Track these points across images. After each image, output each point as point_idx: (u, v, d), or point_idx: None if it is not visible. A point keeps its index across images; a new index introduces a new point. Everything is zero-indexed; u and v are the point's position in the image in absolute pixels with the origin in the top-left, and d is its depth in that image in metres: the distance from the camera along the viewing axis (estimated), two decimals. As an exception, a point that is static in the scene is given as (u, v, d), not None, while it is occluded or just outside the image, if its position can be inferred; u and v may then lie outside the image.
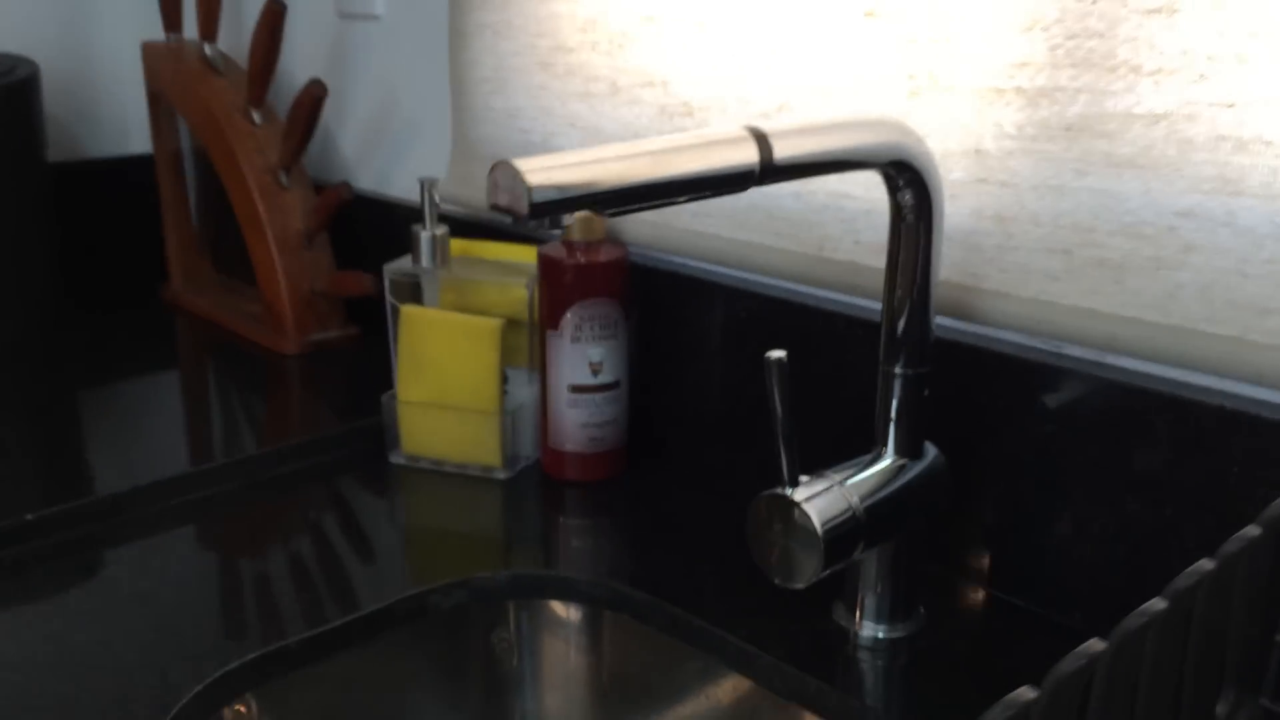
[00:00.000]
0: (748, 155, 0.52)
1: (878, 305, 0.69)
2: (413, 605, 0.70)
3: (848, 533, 0.60)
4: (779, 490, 0.60)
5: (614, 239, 0.85)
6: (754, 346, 0.79)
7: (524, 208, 0.47)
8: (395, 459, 0.89)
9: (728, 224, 0.80)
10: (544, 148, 0.92)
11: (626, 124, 0.85)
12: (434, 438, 0.88)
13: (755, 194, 0.78)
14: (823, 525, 0.59)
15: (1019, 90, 0.63)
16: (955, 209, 0.67)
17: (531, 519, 0.81)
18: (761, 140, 0.52)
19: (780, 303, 0.77)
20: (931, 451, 0.65)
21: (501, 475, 0.86)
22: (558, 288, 0.82)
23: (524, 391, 0.89)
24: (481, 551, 0.76)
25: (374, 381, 0.96)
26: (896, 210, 0.61)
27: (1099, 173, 0.61)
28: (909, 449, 0.64)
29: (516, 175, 0.46)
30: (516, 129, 0.95)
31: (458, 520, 0.81)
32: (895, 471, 0.64)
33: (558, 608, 0.73)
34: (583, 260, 0.82)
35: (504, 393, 0.86)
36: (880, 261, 0.72)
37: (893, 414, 0.64)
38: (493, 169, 0.47)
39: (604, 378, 0.83)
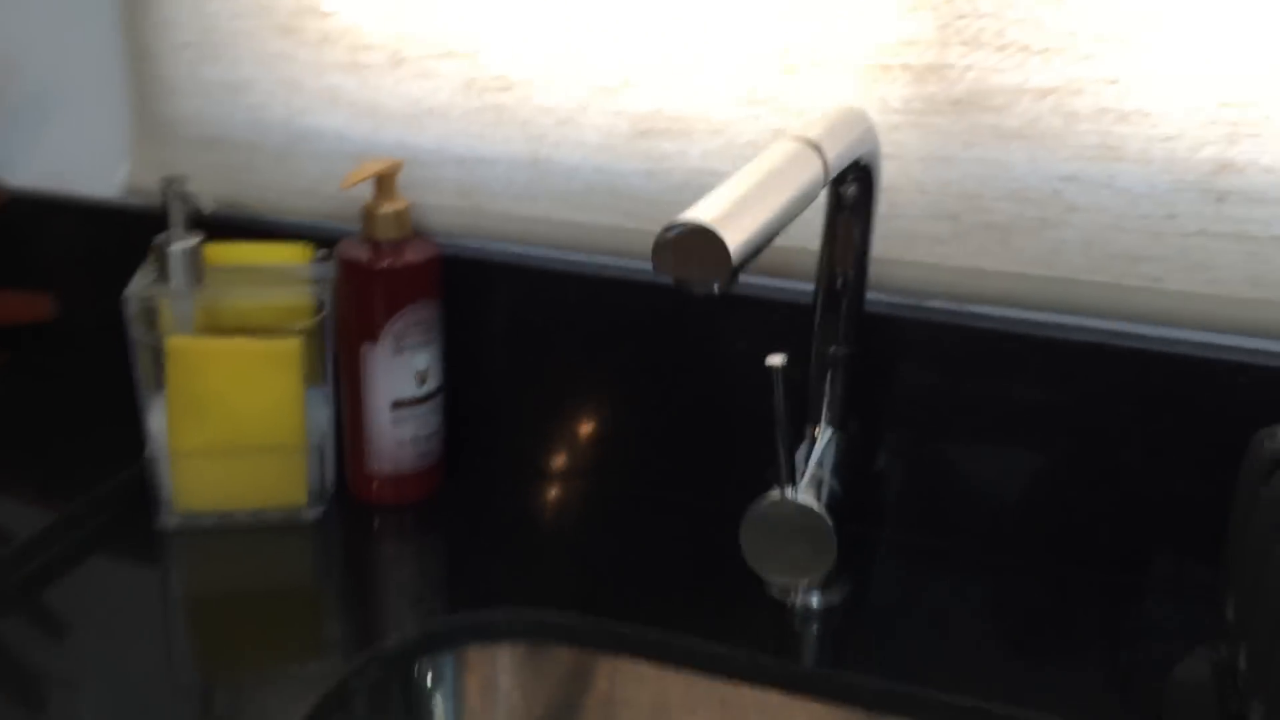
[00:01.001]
0: (816, 169, 0.50)
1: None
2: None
3: (839, 519, 0.62)
4: (783, 496, 0.60)
5: (420, 232, 0.77)
6: (593, 329, 0.76)
7: (726, 278, 0.42)
8: (167, 522, 0.75)
9: (561, 205, 0.76)
10: (288, 127, 0.80)
11: (416, 100, 0.77)
12: (220, 488, 0.75)
13: (591, 172, 0.74)
14: (829, 518, 0.60)
15: (905, 67, 0.66)
16: (835, 181, 0.69)
17: (380, 558, 0.73)
18: (816, 149, 0.51)
19: (623, 284, 0.75)
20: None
21: (310, 515, 0.76)
22: (372, 295, 0.73)
23: (319, 414, 0.78)
24: (340, 613, 0.68)
25: (62, 423, 0.80)
26: (836, 200, 0.62)
27: (986, 144, 0.66)
28: (844, 423, 0.67)
29: (711, 240, 0.41)
30: (244, 105, 0.81)
31: (282, 578, 0.71)
32: (844, 448, 0.66)
33: (477, 655, 0.67)
34: (398, 262, 0.73)
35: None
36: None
37: (833, 392, 0.66)
38: (669, 237, 0.42)
39: (429, 386, 0.76)
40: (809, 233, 0.65)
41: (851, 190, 0.61)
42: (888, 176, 0.68)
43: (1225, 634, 0.57)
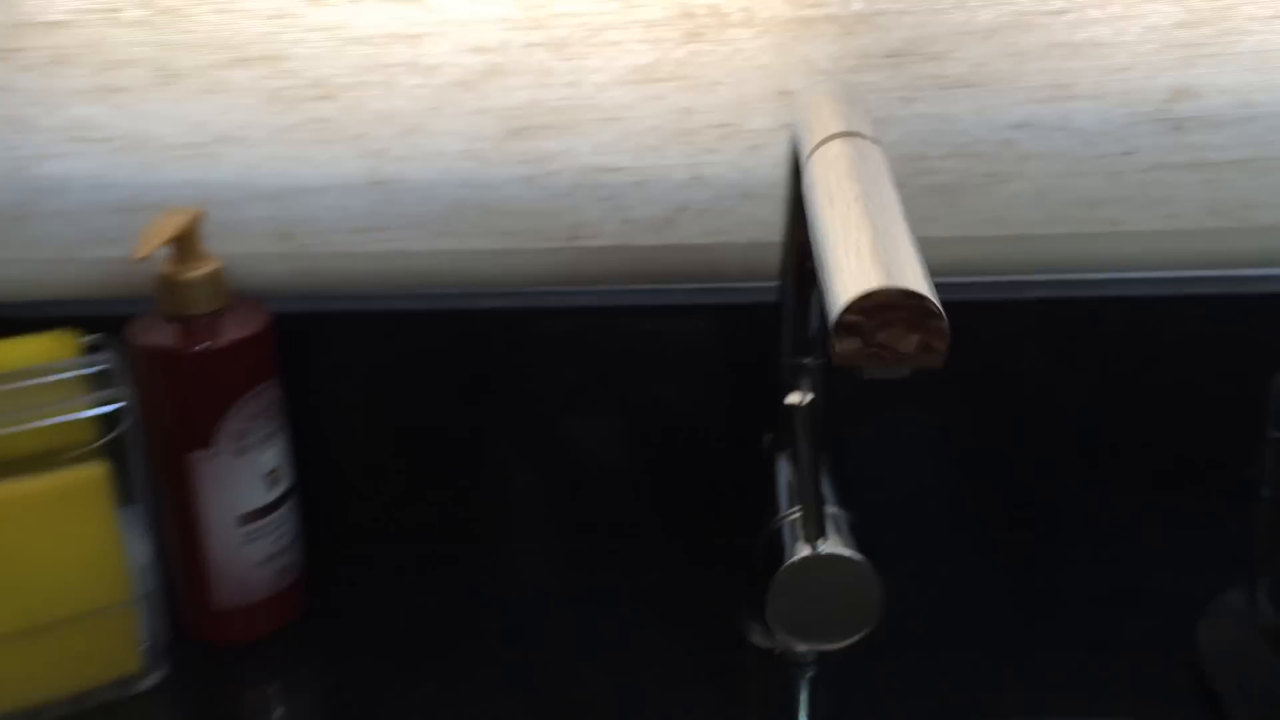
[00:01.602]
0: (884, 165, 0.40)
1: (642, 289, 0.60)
2: None
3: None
4: (816, 550, 0.50)
5: (240, 295, 0.59)
6: (474, 374, 0.62)
7: (942, 354, 0.30)
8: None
9: (417, 234, 0.61)
10: (19, 179, 0.60)
11: (201, 124, 0.59)
12: (22, 679, 0.55)
13: (453, 188, 0.60)
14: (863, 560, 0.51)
15: (831, 19, 0.56)
16: (759, 161, 0.59)
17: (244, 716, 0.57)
18: (872, 141, 0.40)
19: (509, 316, 0.61)
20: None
21: (147, 683, 0.58)
22: (193, 389, 0.56)
23: (137, 550, 0.59)
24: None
25: None
26: (797, 189, 0.52)
27: (929, 97, 0.58)
28: (824, 444, 0.58)
29: (924, 311, 0.30)
30: (-61, 157, 0.60)
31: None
32: (821, 468, 0.57)
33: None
34: (220, 342, 0.56)
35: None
36: (658, 239, 0.61)
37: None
38: (874, 321, 0.30)
39: (282, 486, 0.60)
40: (714, 226, 0.54)
41: (821, 175, 0.51)
42: (819, 148, 0.59)
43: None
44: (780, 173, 0.58)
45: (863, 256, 0.32)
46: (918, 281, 0.31)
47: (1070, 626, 0.59)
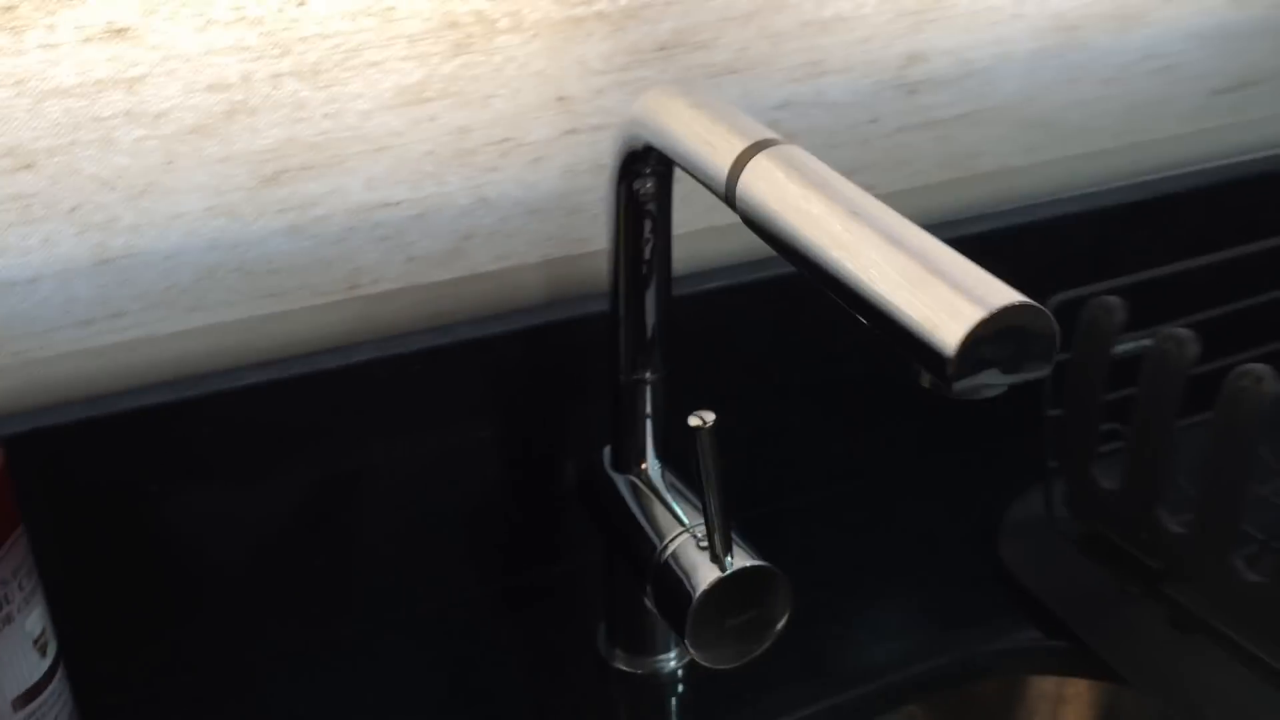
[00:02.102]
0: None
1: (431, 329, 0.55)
2: None
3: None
4: (729, 570, 0.48)
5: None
6: (251, 470, 0.53)
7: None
8: None
9: (162, 314, 0.50)
10: None
11: None
12: None
13: (201, 253, 0.50)
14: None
15: (601, 15, 0.53)
16: (541, 174, 0.55)
17: None
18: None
19: (287, 387, 0.53)
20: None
21: None
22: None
23: None
24: None
25: None
26: (630, 199, 0.49)
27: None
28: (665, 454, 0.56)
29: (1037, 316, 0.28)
30: None
31: None
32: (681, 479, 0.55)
33: None
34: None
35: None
36: (447, 273, 0.55)
37: (654, 420, 0.54)
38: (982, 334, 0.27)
39: (51, 653, 0.49)
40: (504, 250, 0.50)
41: (650, 185, 0.48)
42: (599, 153, 0.56)
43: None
44: (561, 185, 0.55)
45: (950, 281, 0.31)
46: (1013, 293, 0.30)
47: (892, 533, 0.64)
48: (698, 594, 0.48)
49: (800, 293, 0.62)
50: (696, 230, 0.59)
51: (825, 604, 0.59)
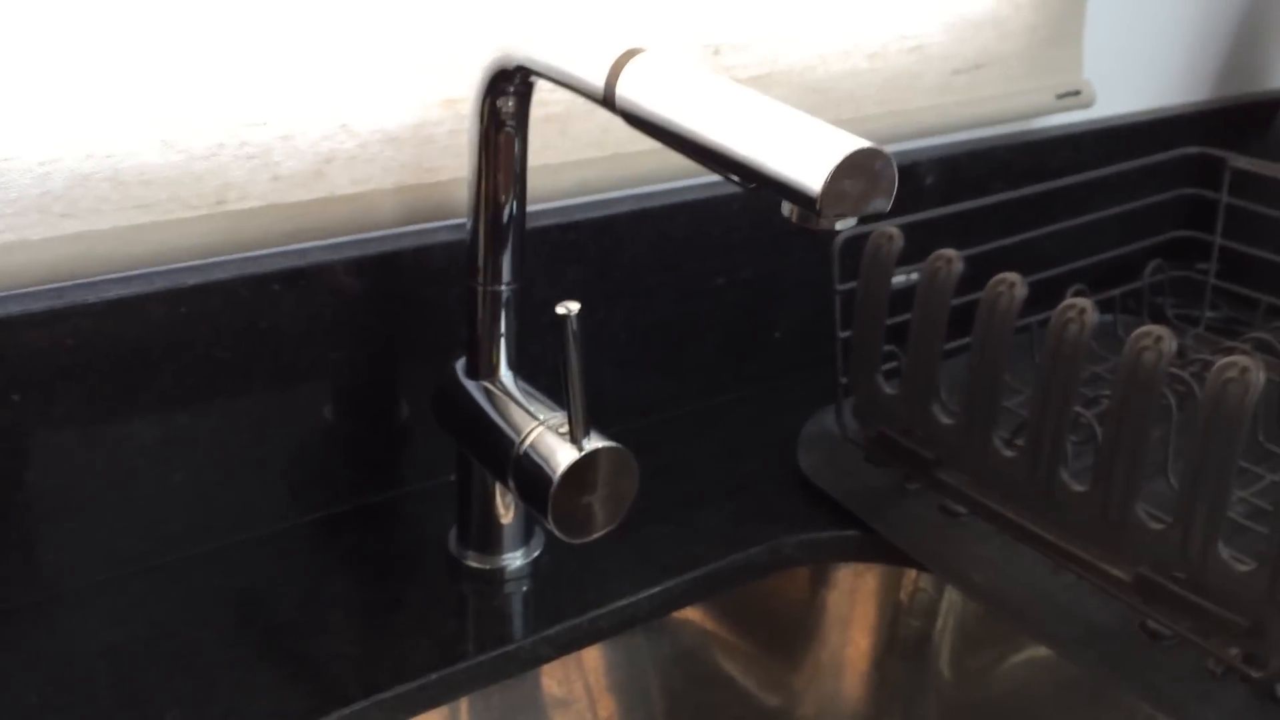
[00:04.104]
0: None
1: (300, 247, 0.59)
2: None
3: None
4: (585, 451, 0.54)
5: None
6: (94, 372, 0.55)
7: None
8: None
9: (33, 221, 0.52)
10: None
11: None
12: None
13: (82, 164, 0.52)
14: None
15: (453, -39, 0.59)
16: (399, 104, 0.60)
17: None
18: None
19: (155, 299, 0.55)
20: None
21: None
22: None
23: None
24: None
25: None
26: (493, 115, 0.54)
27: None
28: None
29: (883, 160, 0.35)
30: None
31: None
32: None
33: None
34: None
35: None
36: (310, 194, 0.59)
37: (507, 332, 0.59)
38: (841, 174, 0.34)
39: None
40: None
41: (511, 103, 0.54)
42: (456, 87, 0.61)
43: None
44: (416, 115, 0.59)
45: (810, 131, 0.38)
46: (859, 140, 0.38)
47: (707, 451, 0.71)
48: (559, 473, 0.54)
49: (619, 231, 0.69)
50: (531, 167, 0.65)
51: (652, 509, 0.66)
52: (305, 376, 0.60)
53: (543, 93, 0.64)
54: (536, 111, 0.64)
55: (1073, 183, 0.80)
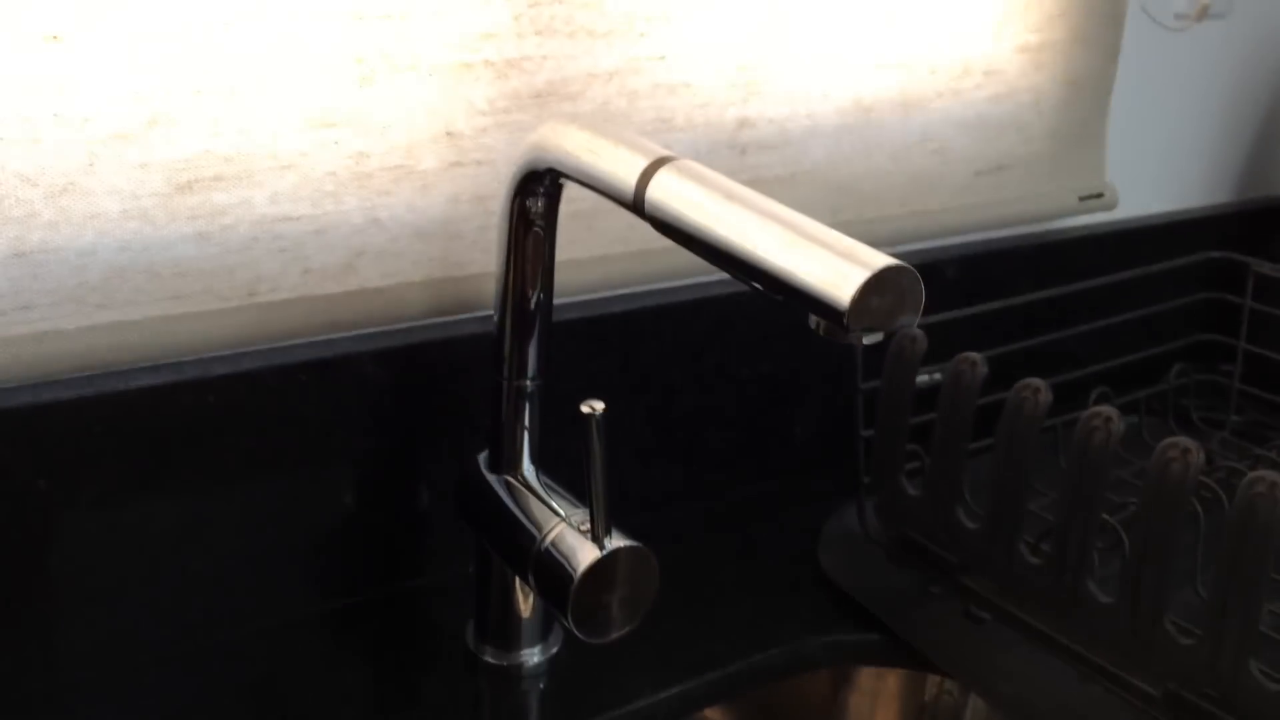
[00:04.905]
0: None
1: (328, 338, 0.59)
2: None
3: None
4: (607, 550, 0.53)
5: None
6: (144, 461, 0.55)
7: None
8: None
9: (72, 309, 0.52)
10: None
11: None
12: None
13: (113, 253, 0.53)
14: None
15: (488, 63, 0.60)
16: (429, 200, 0.61)
17: None
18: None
19: (190, 388, 0.56)
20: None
21: None
22: None
23: None
24: None
25: None
26: (522, 214, 0.55)
27: (568, 133, 0.64)
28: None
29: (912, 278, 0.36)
30: None
31: None
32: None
33: None
34: None
35: None
36: (342, 286, 0.59)
37: (530, 426, 0.59)
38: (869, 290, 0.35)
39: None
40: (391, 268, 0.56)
41: (540, 204, 0.55)
42: (480, 185, 0.62)
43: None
44: (446, 211, 0.60)
45: (839, 247, 0.38)
46: (886, 258, 0.38)
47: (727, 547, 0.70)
48: (580, 572, 0.53)
49: (643, 326, 0.69)
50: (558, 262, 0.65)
51: (671, 608, 0.65)
52: (328, 464, 0.60)
53: (571, 189, 0.65)
54: (565, 208, 0.65)
55: (1096, 285, 0.80)
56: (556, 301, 0.65)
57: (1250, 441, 0.82)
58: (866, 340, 0.38)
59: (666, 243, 0.64)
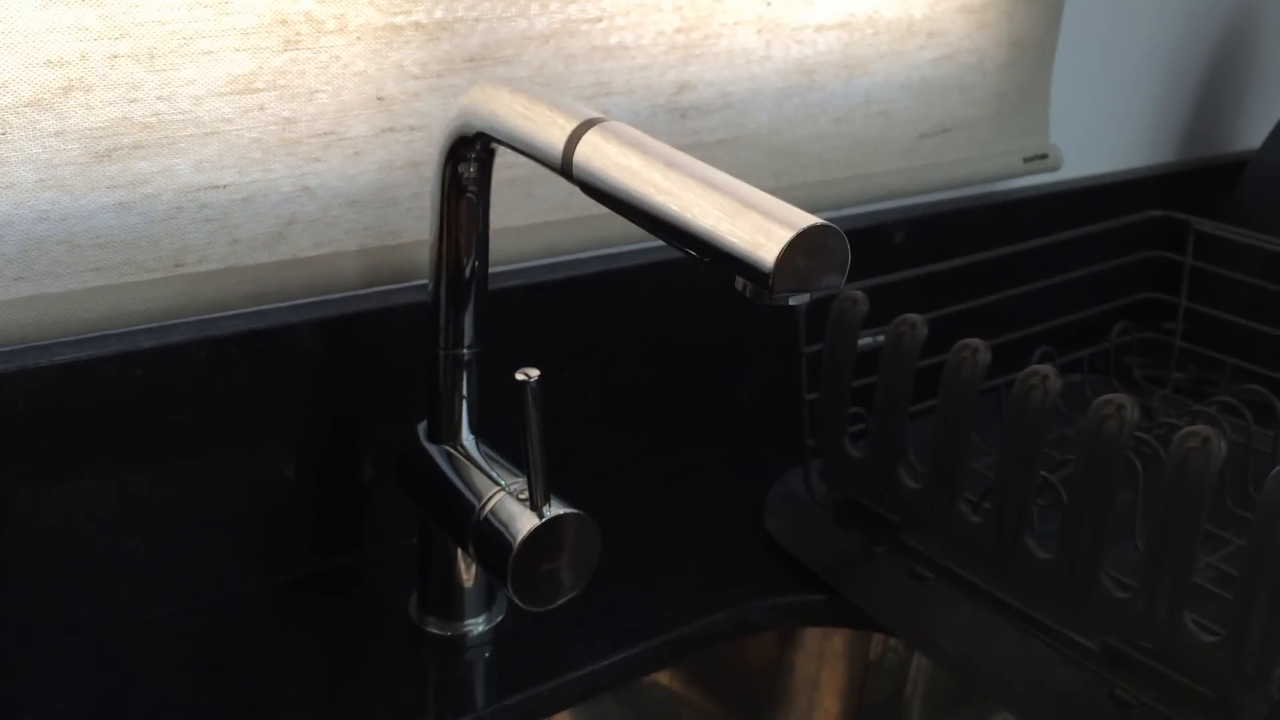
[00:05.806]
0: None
1: (260, 309, 0.58)
2: None
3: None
4: (545, 518, 0.53)
5: None
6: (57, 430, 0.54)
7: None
8: None
9: (-12, 282, 0.51)
10: None
11: None
12: None
13: (29, 224, 0.51)
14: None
15: (418, 25, 0.59)
16: (361, 167, 0.59)
17: None
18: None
19: (106, 363, 0.55)
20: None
21: None
22: None
23: None
24: None
25: None
26: (454, 180, 0.54)
27: (503, 97, 0.63)
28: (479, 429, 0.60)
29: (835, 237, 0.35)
30: None
31: None
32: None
33: None
34: None
35: None
36: (273, 256, 0.58)
37: (469, 396, 0.58)
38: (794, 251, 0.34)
39: None
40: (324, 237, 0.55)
41: (473, 169, 0.54)
42: (414, 152, 0.61)
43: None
44: (379, 179, 0.59)
45: (763, 208, 0.38)
46: (810, 217, 0.37)
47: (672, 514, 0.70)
48: (519, 540, 0.53)
49: (586, 293, 0.69)
50: (496, 229, 0.65)
51: (616, 574, 0.65)
52: (265, 438, 0.59)
53: (507, 155, 0.64)
54: (502, 174, 0.64)
55: (1039, 245, 0.80)
56: (497, 270, 0.65)
57: (1191, 398, 0.82)
58: (793, 301, 0.37)
59: (607, 209, 0.64)
